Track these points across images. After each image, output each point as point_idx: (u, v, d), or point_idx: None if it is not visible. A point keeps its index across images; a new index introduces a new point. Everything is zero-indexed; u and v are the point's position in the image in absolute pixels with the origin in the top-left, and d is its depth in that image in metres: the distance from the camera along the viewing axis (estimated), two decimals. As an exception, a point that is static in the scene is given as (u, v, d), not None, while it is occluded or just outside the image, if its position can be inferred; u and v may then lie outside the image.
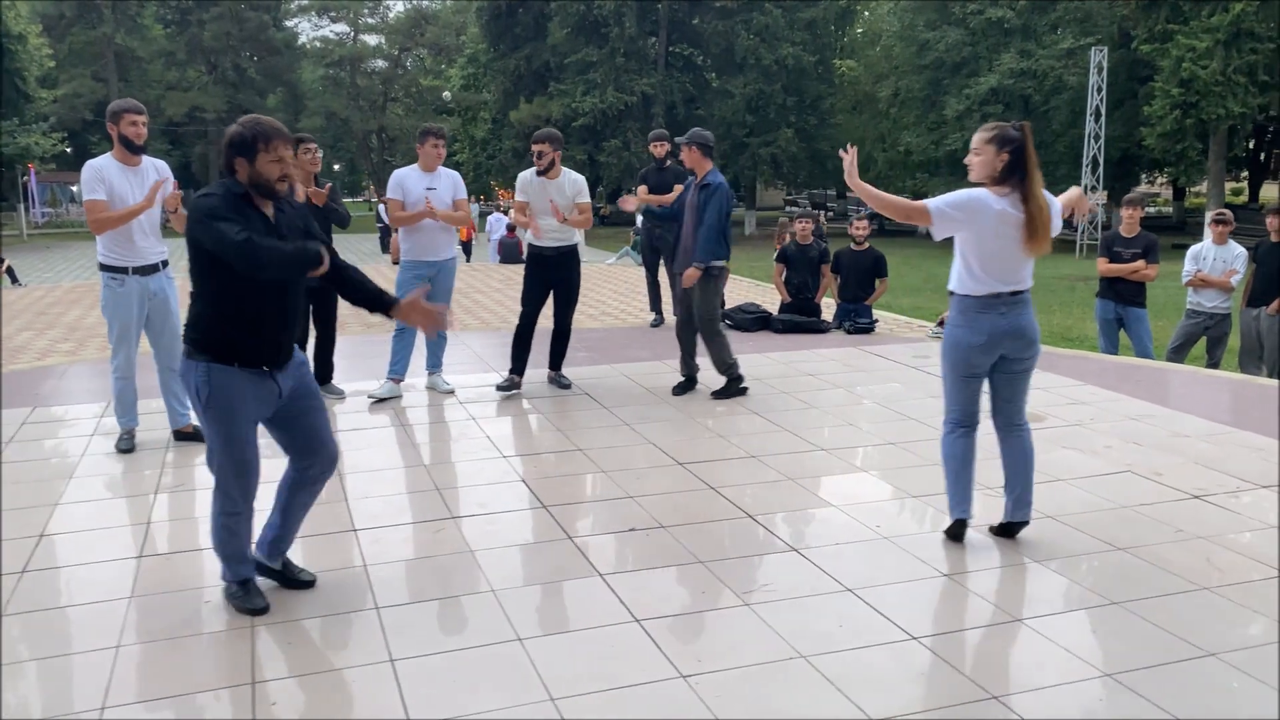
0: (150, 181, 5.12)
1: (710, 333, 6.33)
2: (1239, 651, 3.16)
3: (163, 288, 5.22)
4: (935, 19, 33.48)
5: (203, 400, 3.22)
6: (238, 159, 3.20)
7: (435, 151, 6.13)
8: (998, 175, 3.77)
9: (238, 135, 3.20)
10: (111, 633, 3.27)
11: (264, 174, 3.20)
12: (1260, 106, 25.99)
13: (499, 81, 43.51)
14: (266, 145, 3.19)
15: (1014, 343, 3.89)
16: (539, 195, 6.28)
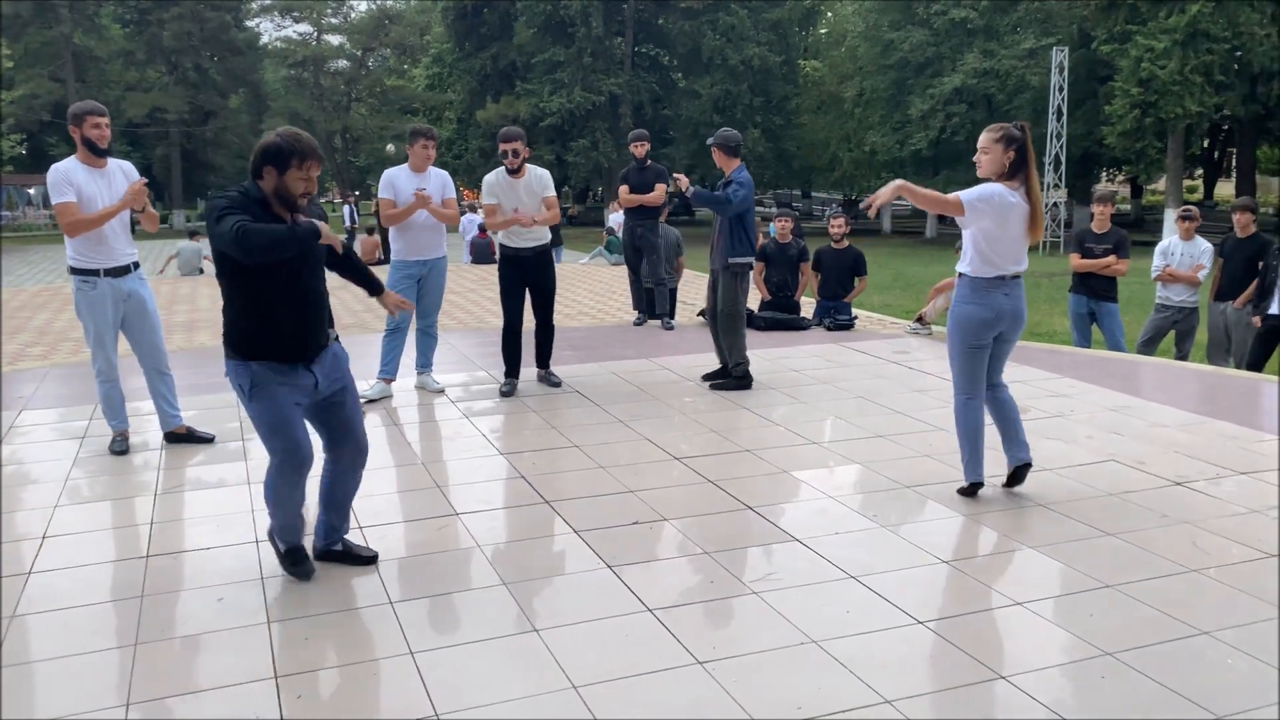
0: (117, 183, 5.04)
1: (731, 327, 6.58)
2: (1230, 630, 3.29)
3: (136, 289, 5.14)
4: (899, 19, 33.88)
5: (247, 393, 3.38)
6: (268, 167, 3.28)
7: (425, 152, 6.15)
8: (1006, 171, 4.19)
9: (274, 146, 3.27)
10: (128, 631, 3.28)
11: (290, 188, 3.31)
12: (1216, 106, 26.56)
13: (465, 81, 43.42)
14: (301, 162, 3.29)
15: (1012, 321, 4.39)
16: (509, 195, 6.28)
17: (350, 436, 3.63)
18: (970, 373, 4.43)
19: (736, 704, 2.85)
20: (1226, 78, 26.28)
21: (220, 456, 5.17)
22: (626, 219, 8.65)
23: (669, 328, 8.72)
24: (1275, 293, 7.91)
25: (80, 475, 4.90)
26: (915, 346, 8.18)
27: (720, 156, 6.39)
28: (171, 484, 4.75)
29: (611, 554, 3.91)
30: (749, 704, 2.85)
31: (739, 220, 6.34)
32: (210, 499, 4.53)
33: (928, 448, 5.30)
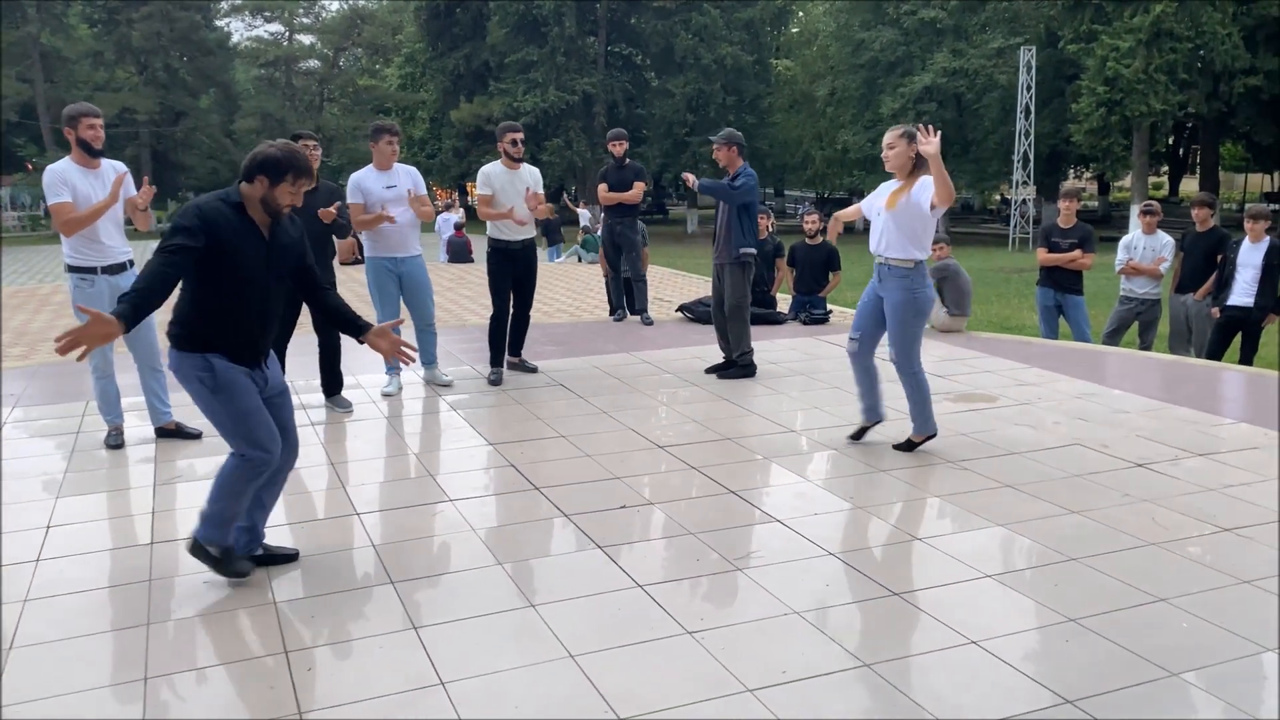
0: (110, 183, 5.16)
1: (737, 316, 6.80)
2: (1185, 596, 3.50)
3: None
4: (870, 19, 34.24)
5: (209, 386, 3.39)
6: (261, 176, 3.36)
7: (390, 149, 6.21)
8: (914, 167, 4.79)
9: (272, 157, 3.35)
10: (139, 612, 3.41)
11: (278, 200, 3.40)
12: (1180, 104, 27.07)
13: (438, 81, 43.41)
14: (294, 179, 3.39)
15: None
16: (508, 187, 6.46)
17: (289, 437, 3.66)
18: (920, 345, 5.17)
19: (725, 669, 3.02)
20: (1190, 76, 26.79)
21: (212, 450, 5.27)
22: (605, 217, 8.81)
23: (648, 323, 8.89)
24: (1233, 285, 8.19)
25: (77, 468, 5.01)
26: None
27: (728, 153, 6.61)
28: (167, 476, 4.87)
29: (601, 536, 4.07)
30: (737, 669, 3.02)
31: (744, 211, 6.55)
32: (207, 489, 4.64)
33: (900, 435, 5.50)
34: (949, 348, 8.04)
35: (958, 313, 8.58)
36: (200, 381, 3.39)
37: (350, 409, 6.12)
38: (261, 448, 3.48)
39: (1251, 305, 8.09)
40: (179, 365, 3.43)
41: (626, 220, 8.63)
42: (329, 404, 6.17)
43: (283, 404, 3.67)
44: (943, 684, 2.95)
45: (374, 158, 6.31)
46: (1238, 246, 8.27)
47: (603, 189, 8.65)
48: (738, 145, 6.64)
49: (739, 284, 6.73)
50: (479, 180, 6.52)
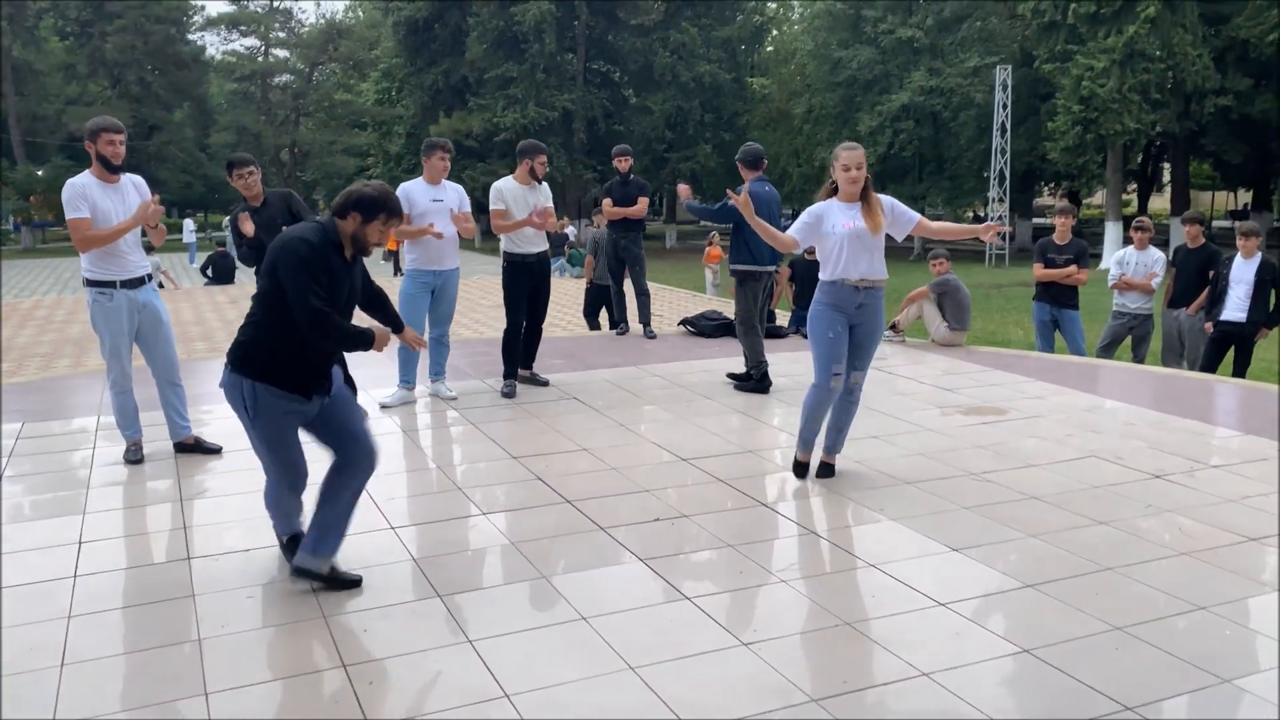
0: (130, 197, 5.11)
1: (743, 331, 6.89)
2: (1225, 605, 3.57)
3: (150, 300, 5.24)
4: (848, 38, 34.61)
5: (250, 414, 3.52)
6: (355, 213, 3.47)
7: (442, 164, 6.32)
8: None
9: (368, 197, 3.47)
10: (188, 627, 3.39)
11: (368, 238, 3.54)
12: (1153, 123, 27.56)
13: (416, 96, 43.31)
14: (387, 219, 3.52)
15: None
16: (522, 202, 6.54)
17: (355, 438, 3.67)
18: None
19: (786, 679, 3.05)
20: (1162, 96, 27.28)
21: (234, 464, 5.25)
22: (610, 232, 8.85)
23: (651, 336, 8.93)
24: (1226, 300, 8.35)
25: (100, 484, 4.96)
26: (890, 353, 8.47)
27: (742, 169, 6.77)
28: (193, 491, 4.83)
29: (641, 548, 4.09)
30: (798, 679, 3.05)
31: (737, 230, 6.60)
32: (235, 504, 4.62)
33: (920, 447, 5.56)
34: (951, 361, 8.13)
35: (958, 327, 8.68)
36: (243, 404, 3.53)
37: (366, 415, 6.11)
38: (289, 479, 3.72)
39: (1244, 320, 8.25)
40: (228, 386, 3.56)
41: (631, 235, 8.67)
42: None
43: (343, 411, 3.69)
44: (1001, 692, 3.00)
45: (425, 172, 6.45)
46: (1230, 262, 8.44)
47: (607, 204, 8.69)
48: (746, 160, 6.83)
49: (741, 299, 6.88)
50: (492, 195, 6.57)
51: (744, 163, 6.83)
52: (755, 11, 42.91)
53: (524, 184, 6.60)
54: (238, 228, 5.67)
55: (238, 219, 5.68)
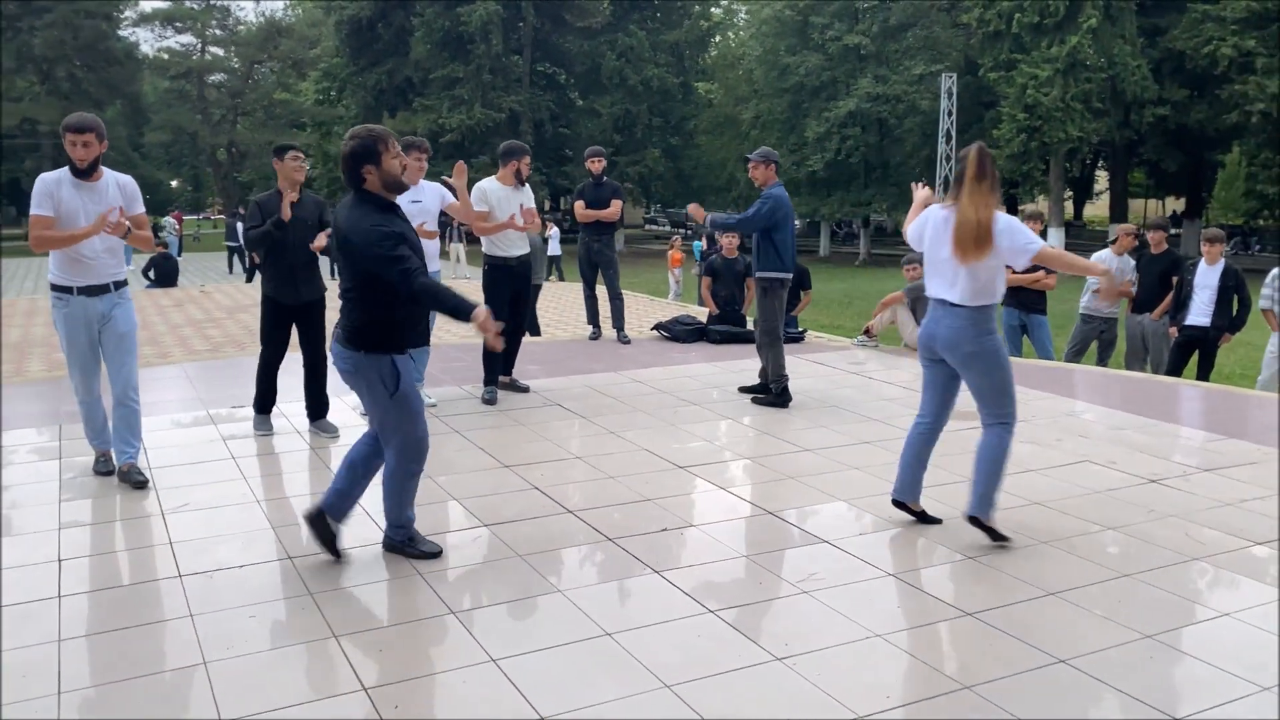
0: (110, 199, 4.71)
1: (764, 342, 6.67)
2: (1246, 610, 3.57)
3: (112, 310, 4.80)
4: (795, 44, 34.85)
5: (390, 389, 3.63)
6: (365, 168, 3.53)
7: (418, 165, 6.11)
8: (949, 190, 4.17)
9: (360, 146, 3.51)
10: (191, 650, 3.19)
11: (392, 172, 3.56)
12: (1094, 131, 28.17)
13: (359, 96, 42.67)
14: (386, 146, 3.55)
15: (943, 347, 4.18)
16: (504, 204, 6.40)
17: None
18: (922, 388, 4.45)
19: (828, 695, 2.95)
20: (1103, 105, 27.92)
21: (214, 476, 5.02)
22: (582, 235, 8.71)
23: (625, 341, 8.81)
24: (1190, 305, 8.49)
25: (71, 496, 4.69)
26: (866, 358, 8.47)
27: (764, 171, 6.63)
28: (174, 504, 4.59)
29: (653, 559, 3.97)
30: (840, 695, 2.96)
31: (766, 235, 6.47)
32: (222, 518, 4.41)
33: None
34: (926, 366, 8.13)
35: (931, 332, 8.69)
36: (383, 383, 3.62)
37: (337, 434, 5.80)
38: (423, 447, 3.80)
39: (1209, 325, 8.39)
40: (361, 367, 3.63)
41: (605, 238, 8.55)
42: (313, 429, 5.92)
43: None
44: (1044, 703, 2.94)
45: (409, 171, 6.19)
46: (1194, 268, 8.58)
47: (579, 206, 8.56)
48: (775, 164, 6.67)
49: (765, 308, 6.62)
50: (474, 196, 6.38)
51: (775, 164, 6.69)
52: (701, 16, 43.06)
53: (508, 185, 6.46)
54: (265, 207, 5.50)
55: (277, 198, 5.51)
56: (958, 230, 3.98)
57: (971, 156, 4.03)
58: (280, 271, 5.60)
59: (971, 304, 4.06)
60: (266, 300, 5.66)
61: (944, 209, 4.11)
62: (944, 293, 4.12)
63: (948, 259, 4.05)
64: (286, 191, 5.49)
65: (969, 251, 3.98)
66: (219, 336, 10.83)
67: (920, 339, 4.31)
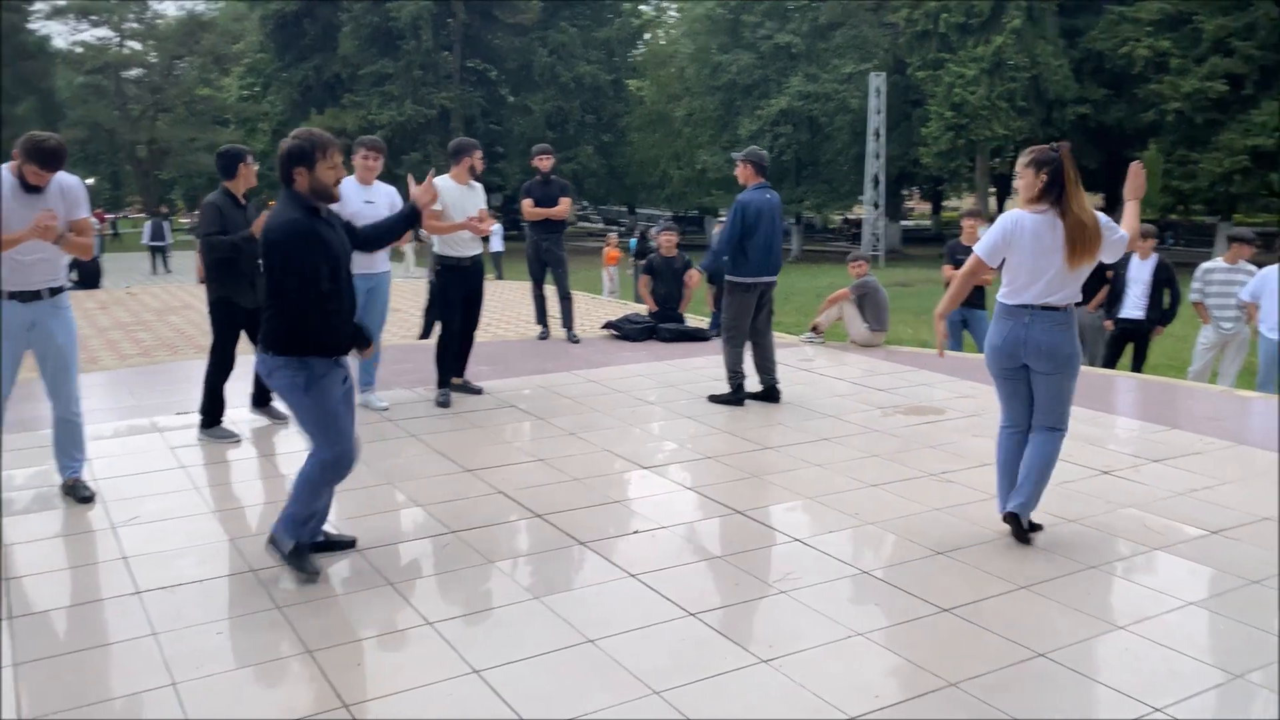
0: (53, 202, 4.46)
1: (726, 338, 6.60)
2: (1212, 599, 3.67)
3: (45, 318, 4.50)
4: (727, 42, 35.03)
5: (303, 388, 3.52)
6: (297, 169, 3.47)
7: (365, 164, 5.99)
8: (1036, 195, 3.97)
9: (296, 148, 3.46)
10: (155, 671, 3.06)
11: (324, 180, 3.51)
12: (1019, 129, 28.83)
13: (285, 92, 41.77)
14: (325, 154, 3.47)
15: (1035, 354, 4.04)
16: (463, 202, 6.29)
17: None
18: (1001, 399, 4.28)
19: (818, 698, 2.95)
20: (1027, 103, 28.59)
21: (163, 486, 4.84)
22: (531, 233, 8.62)
23: (575, 340, 8.75)
24: (1124, 299, 8.71)
25: (13, 512, 4.48)
26: (814, 354, 8.53)
27: (744, 171, 6.48)
28: (123, 517, 4.41)
29: (627, 563, 3.93)
30: (830, 696, 2.95)
31: (743, 240, 6.35)
32: (176, 530, 4.25)
33: (873, 448, 5.57)
34: (873, 361, 8.24)
35: (877, 328, 8.81)
36: (294, 385, 3.52)
37: (286, 420, 5.85)
38: (344, 453, 3.66)
39: (1143, 318, 8.62)
40: (275, 370, 3.53)
41: (554, 236, 8.47)
42: (258, 413, 5.98)
43: (348, 396, 3.76)
44: (1030, 698, 2.97)
45: (356, 171, 6.08)
46: (1127, 262, 8.80)
47: (528, 204, 8.46)
48: (752, 163, 6.48)
49: (729, 307, 6.55)
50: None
51: (755, 165, 6.49)
52: (632, 14, 43.04)
53: (461, 184, 6.35)
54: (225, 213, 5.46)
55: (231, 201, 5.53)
56: (1074, 234, 3.89)
57: (1067, 160, 3.94)
58: (236, 274, 5.50)
59: (1071, 306, 4.05)
60: (221, 302, 5.55)
61: (1031, 215, 3.97)
62: (1046, 298, 3.99)
63: (1056, 264, 3.93)
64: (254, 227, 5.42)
65: (1086, 254, 3.93)
66: (149, 340, 10.51)
67: (1003, 349, 4.10)
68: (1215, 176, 26.34)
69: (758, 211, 6.31)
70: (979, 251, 4.10)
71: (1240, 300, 8.30)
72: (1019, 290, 4.03)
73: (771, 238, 6.41)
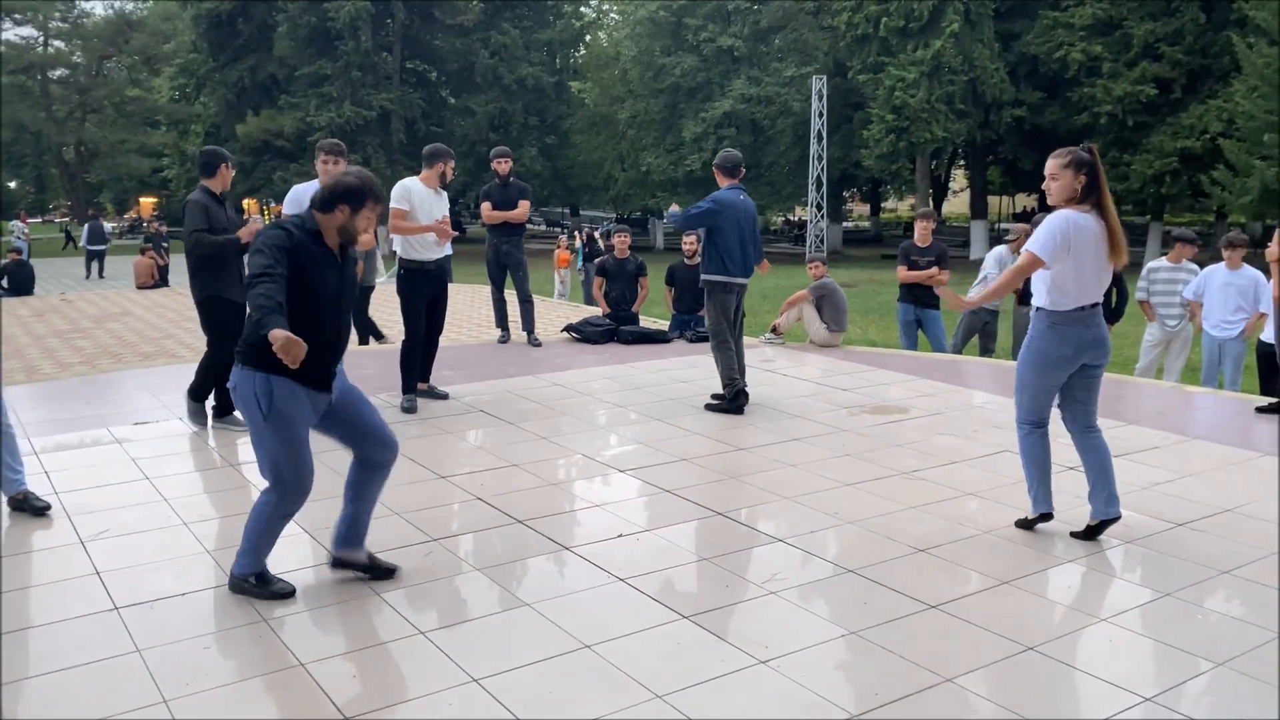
0: None
1: (714, 345, 6.56)
2: (1185, 589, 3.76)
3: None
4: (670, 45, 35.14)
5: (264, 410, 3.37)
6: (343, 205, 3.43)
7: (324, 168, 5.93)
8: (1077, 196, 4.01)
9: (355, 187, 3.43)
10: (145, 689, 2.98)
11: (357, 226, 3.48)
12: (958, 131, 29.39)
13: (219, 93, 40.98)
14: (375, 204, 3.49)
15: (1097, 350, 4.16)
16: (429, 206, 6.25)
17: (374, 429, 3.69)
18: (1042, 405, 4.28)
19: (820, 697, 2.97)
20: (965, 106, 29.14)
21: (131, 498, 4.71)
22: (490, 236, 8.56)
23: (536, 344, 8.71)
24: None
25: (-28, 527, 4.34)
26: (774, 355, 8.60)
27: (716, 175, 6.53)
28: (92, 531, 4.28)
29: (615, 566, 3.92)
30: (831, 695, 2.98)
31: (709, 238, 6.39)
32: (149, 543, 4.14)
33: (844, 448, 5.63)
34: (832, 361, 8.33)
35: (836, 328, 8.91)
36: (257, 402, 3.37)
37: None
38: (295, 487, 3.49)
39: (1091, 316, 8.81)
40: (240, 383, 3.41)
41: (513, 239, 8.41)
42: (221, 424, 5.91)
43: (354, 402, 3.66)
44: (1023, 691, 3.03)
45: (320, 175, 6.05)
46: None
47: (486, 207, 8.39)
48: (718, 168, 6.51)
49: (711, 311, 6.55)
50: (396, 194, 6.23)
51: (721, 169, 6.50)
52: (574, 16, 42.97)
53: (431, 188, 6.30)
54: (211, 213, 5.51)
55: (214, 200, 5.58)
56: (1114, 233, 4.02)
57: (1098, 162, 4.04)
58: (224, 269, 5.58)
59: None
60: (215, 299, 5.61)
61: (1081, 215, 4.01)
62: (1097, 296, 4.12)
63: (1103, 263, 4.04)
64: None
65: (1124, 251, 4.08)
66: (90, 348, 10.23)
67: (1074, 357, 4.14)
68: (1146, 178, 27.11)
69: (730, 206, 6.37)
70: (1037, 251, 4.01)
71: (1184, 299, 8.56)
72: (1082, 292, 4.05)
73: (744, 237, 6.45)
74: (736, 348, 6.64)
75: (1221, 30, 25.69)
